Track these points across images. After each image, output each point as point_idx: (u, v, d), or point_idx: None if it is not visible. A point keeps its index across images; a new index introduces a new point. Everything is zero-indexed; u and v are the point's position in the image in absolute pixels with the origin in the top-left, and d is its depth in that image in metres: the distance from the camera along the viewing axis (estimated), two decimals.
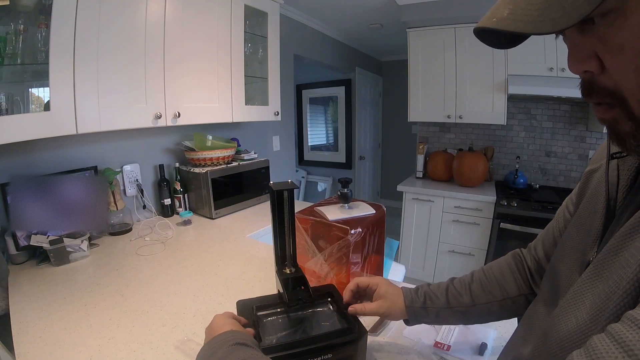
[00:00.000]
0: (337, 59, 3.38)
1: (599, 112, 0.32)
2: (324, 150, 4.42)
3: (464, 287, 0.62)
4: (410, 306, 0.61)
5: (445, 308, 0.60)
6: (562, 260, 0.44)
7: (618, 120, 0.30)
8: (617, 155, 0.37)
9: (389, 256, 1.07)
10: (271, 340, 0.58)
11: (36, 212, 1.18)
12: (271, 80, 1.92)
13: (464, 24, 2.31)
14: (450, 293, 0.61)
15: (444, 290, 0.62)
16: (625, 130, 0.30)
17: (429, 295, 0.62)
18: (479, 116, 2.40)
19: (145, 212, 1.64)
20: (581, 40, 0.29)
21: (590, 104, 0.32)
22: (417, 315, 0.61)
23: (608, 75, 0.28)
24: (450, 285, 0.63)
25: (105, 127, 1.17)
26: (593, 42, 0.28)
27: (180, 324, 0.82)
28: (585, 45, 0.29)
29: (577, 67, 0.31)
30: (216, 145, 1.70)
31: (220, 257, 1.22)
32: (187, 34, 1.41)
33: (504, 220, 2.11)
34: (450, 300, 0.61)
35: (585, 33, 0.28)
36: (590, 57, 0.29)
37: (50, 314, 0.86)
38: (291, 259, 0.77)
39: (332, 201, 0.93)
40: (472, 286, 0.61)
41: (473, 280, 0.62)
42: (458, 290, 0.61)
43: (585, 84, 0.31)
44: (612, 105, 0.30)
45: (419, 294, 0.63)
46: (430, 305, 0.61)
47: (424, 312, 0.61)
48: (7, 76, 1.06)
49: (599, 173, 0.43)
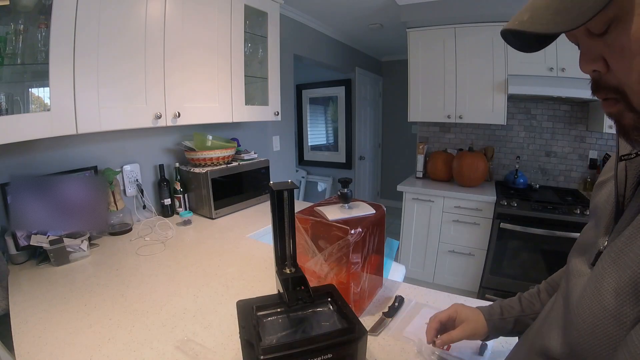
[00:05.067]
0: (337, 59, 3.38)
1: (606, 107, 0.36)
2: (324, 150, 4.42)
3: (533, 297, 0.65)
4: (489, 319, 0.64)
5: (521, 316, 0.63)
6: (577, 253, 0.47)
7: (622, 113, 0.34)
8: (625, 158, 0.41)
9: (389, 256, 1.07)
10: (271, 340, 0.58)
11: (36, 212, 1.18)
12: (271, 80, 1.92)
13: (464, 24, 2.31)
14: (523, 302, 0.65)
15: (517, 300, 0.66)
16: (629, 123, 0.34)
17: (504, 307, 0.65)
18: (479, 116, 2.40)
19: (145, 212, 1.64)
20: (590, 44, 0.34)
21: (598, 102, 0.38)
22: (497, 327, 0.63)
23: (612, 74, 0.33)
24: (521, 296, 0.66)
25: (105, 127, 1.17)
26: (600, 46, 0.33)
27: (180, 324, 0.82)
28: (593, 48, 0.34)
29: (586, 67, 0.35)
30: (216, 145, 1.70)
31: (220, 257, 1.22)
32: (186, 34, 1.41)
33: (504, 220, 2.11)
34: (525, 308, 0.63)
35: (594, 38, 0.33)
36: (598, 58, 0.34)
37: (50, 314, 0.86)
38: (291, 259, 0.77)
39: (332, 201, 0.93)
40: (540, 295, 0.64)
41: (540, 290, 0.66)
42: (529, 300, 0.65)
43: (594, 82, 0.36)
44: (617, 100, 0.34)
45: (495, 307, 0.66)
46: (507, 315, 0.64)
47: (502, 323, 0.63)
48: (7, 76, 1.06)
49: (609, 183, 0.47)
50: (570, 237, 1.86)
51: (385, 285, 1.00)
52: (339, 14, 2.67)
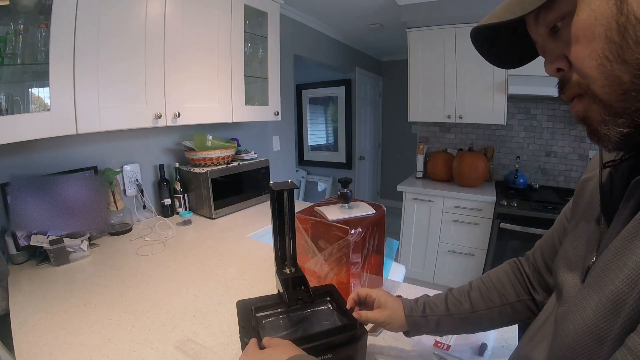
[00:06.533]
0: (337, 59, 3.38)
1: (573, 108, 0.36)
2: (324, 150, 4.42)
3: (463, 295, 0.62)
4: (409, 315, 0.62)
5: (445, 315, 0.61)
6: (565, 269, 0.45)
7: (588, 108, 0.34)
8: (610, 164, 0.39)
9: (389, 256, 1.07)
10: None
11: (36, 212, 1.18)
12: (271, 80, 1.92)
13: (464, 24, 2.31)
14: (449, 301, 0.62)
15: (443, 298, 0.63)
16: (596, 119, 0.33)
17: (428, 304, 0.63)
18: (479, 116, 2.40)
19: (145, 212, 1.64)
20: (553, 45, 0.36)
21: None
22: (417, 325, 0.62)
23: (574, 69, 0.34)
24: (449, 293, 0.64)
25: (105, 127, 1.17)
26: (561, 45, 0.34)
27: (180, 324, 0.82)
28: (555, 48, 0.36)
29: (551, 67, 0.37)
30: (216, 145, 1.70)
31: (220, 257, 1.22)
32: (186, 34, 1.41)
33: (504, 220, 2.11)
34: (450, 307, 0.61)
35: (555, 39, 0.35)
36: (560, 57, 0.35)
37: (50, 314, 0.86)
38: (291, 259, 0.77)
39: (332, 201, 0.93)
40: (471, 294, 0.62)
41: (472, 288, 0.63)
42: (457, 298, 0.62)
43: (560, 82, 0.37)
44: (582, 96, 0.34)
45: (419, 303, 0.63)
46: (429, 313, 0.61)
47: (424, 321, 0.61)
48: (7, 76, 1.06)
49: (593, 181, 0.46)
50: None
51: (385, 285, 1.00)
52: (339, 14, 2.67)
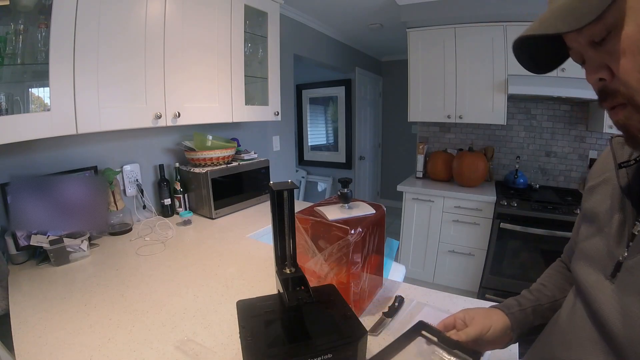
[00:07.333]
0: (337, 59, 3.38)
1: (613, 115, 0.37)
2: (324, 150, 4.42)
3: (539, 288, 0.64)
4: (509, 312, 0.59)
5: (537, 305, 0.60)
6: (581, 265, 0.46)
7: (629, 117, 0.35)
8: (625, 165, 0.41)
9: (389, 256, 1.07)
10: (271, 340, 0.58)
11: (36, 212, 1.18)
12: (271, 80, 1.92)
13: (464, 24, 2.31)
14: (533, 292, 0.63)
15: (527, 292, 0.64)
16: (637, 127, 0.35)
17: (517, 300, 0.62)
18: (479, 116, 2.40)
19: (145, 212, 1.64)
20: (594, 55, 0.36)
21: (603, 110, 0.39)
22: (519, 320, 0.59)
23: (617, 79, 0.34)
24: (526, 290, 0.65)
25: (105, 127, 1.17)
26: (603, 55, 0.35)
27: (180, 324, 0.82)
28: (597, 58, 0.36)
29: (592, 77, 0.37)
30: (216, 145, 1.70)
31: (220, 257, 1.22)
32: (187, 34, 1.41)
33: (504, 220, 2.11)
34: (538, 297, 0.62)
35: (597, 48, 0.35)
36: (602, 67, 0.36)
37: (50, 314, 0.86)
38: (291, 259, 0.77)
39: (332, 201, 0.93)
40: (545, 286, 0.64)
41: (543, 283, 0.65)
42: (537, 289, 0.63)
43: (601, 91, 0.37)
44: (624, 105, 0.35)
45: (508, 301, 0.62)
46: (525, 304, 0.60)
47: (523, 315, 0.59)
48: (7, 76, 1.06)
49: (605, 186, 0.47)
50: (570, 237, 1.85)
51: (385, 285, 1.00)
52: (339, 14, 2.67)
